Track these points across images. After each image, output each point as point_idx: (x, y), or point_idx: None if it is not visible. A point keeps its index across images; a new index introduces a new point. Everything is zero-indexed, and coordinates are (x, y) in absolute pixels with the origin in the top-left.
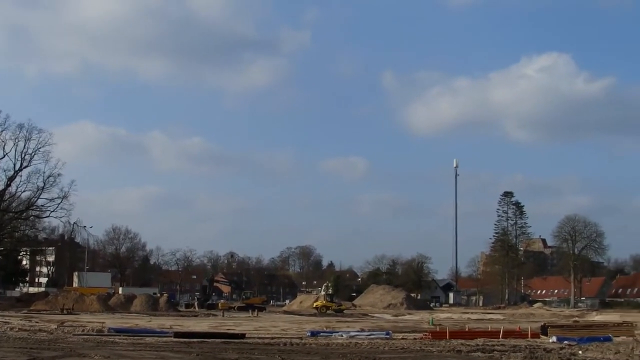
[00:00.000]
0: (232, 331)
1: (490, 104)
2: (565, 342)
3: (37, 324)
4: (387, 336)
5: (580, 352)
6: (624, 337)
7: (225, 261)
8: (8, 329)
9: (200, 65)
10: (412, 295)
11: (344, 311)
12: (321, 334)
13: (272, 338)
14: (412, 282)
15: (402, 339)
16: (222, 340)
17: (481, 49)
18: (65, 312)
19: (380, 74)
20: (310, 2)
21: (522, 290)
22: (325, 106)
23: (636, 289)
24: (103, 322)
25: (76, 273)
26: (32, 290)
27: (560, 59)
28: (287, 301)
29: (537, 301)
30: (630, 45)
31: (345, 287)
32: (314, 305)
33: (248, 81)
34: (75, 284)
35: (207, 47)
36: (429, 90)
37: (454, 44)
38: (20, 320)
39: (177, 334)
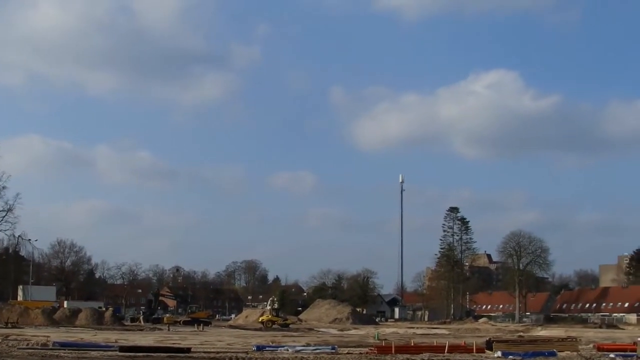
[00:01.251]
0: (177, 345)
1: (438, 119)
2: (510, 357)
3: None
4: (333, 351)
5: None
6: (568, 352)
7: (171, 275)
8: None
9: (150, 79)
10: (358, 310)
11: (290, 326)
12: (267, 348)
13: (218, 352)
14: (358, 296)
15: (347, 353)
16: (168, 354)
17: (430, 65)
18: (9, 325)
19: (329, 89)
20: (261, 18)
21: (468, 305)
22: (274, 121)
23: (580, 304)
24: (48, 336)
25: (21, 286)
26: None
27: (508, 76)
28: (233, 315)
29: (482, 316)
30: (576, 63)
31: (291, 302)
32: (260, 320)
33: (198, 96)
34: (19, 298)
35: (156, 61)
36: (377, 105)
37: (403, 60)
38: None
39: (123, 348)
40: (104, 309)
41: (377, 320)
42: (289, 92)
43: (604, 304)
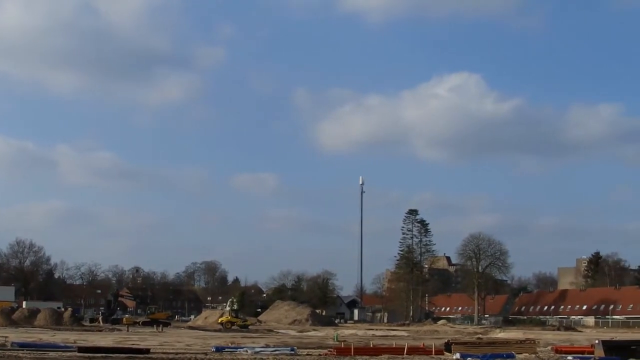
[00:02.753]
0: (136, 346)
1: (401, 122)
2: (469, 358)
3: None
4: (292, 352)
5: None
6: (527, 354)
7: (130, 276)
8: None
9: (114, 79)
10: (317, 311)
11: (249, 327)
12: (226, 349)
13: (177, 353)
14: (317, 298)
15: (307, 355)
16: (127, 355)
17: (393, 68)
18: None
19: (293, 91)
20: (226, 19)
21: (427, 307)
22: (237, 122)
23: (539, 307)
24: (6, 337)
25: None
26: None
27: (471, 78)
28: (192, 316)
29: (441, 318)
30: (539, 67)
31: (250, 303)
32: (219, 321)
33: (161, 96)
34: None
35: (120, 62)
36: (341, 107)
37: (367, 63)
38: None
39: (81, 349)
40: (63, 309)
41: (336, 321)
42: (253, 94)
43: (562, 307)
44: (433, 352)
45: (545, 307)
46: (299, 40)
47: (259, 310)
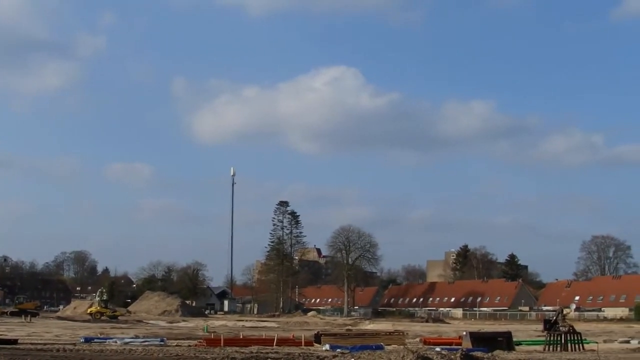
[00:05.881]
0: (3, 337)
1: (277, 114)
2: (338, 350)
3: None
4: (162, 343)
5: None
6: (395, 346)
7: None
8: None
9: None
10: (187, 302)
11: (119, 317)
12: (95, 340)
13: (45, 344)
14: (188, 289)
15: (176, 345)
16: None
17: (272, 60)
18: None
19: (171, 81)
20: (107, 7)
21: (297, 299)
22: (114, 112)
23: (408, 299)
24: None
25: None
26: None
27: (349, 72)
28: (61, 307)
29: (311, 310)
30: (417, 62)
31: (120, 293)
32: (88, 311)
33: (38, 84)
34: None
35: None
36: (218, 98)
37: (246, 54)
38: None
39: None
40: None
41: (206, 312)
42: (131, 83)
43: (431, 299)
44: (303, 344)
45: (414, 299)
46: (179, 30)
47: (129, 300)
